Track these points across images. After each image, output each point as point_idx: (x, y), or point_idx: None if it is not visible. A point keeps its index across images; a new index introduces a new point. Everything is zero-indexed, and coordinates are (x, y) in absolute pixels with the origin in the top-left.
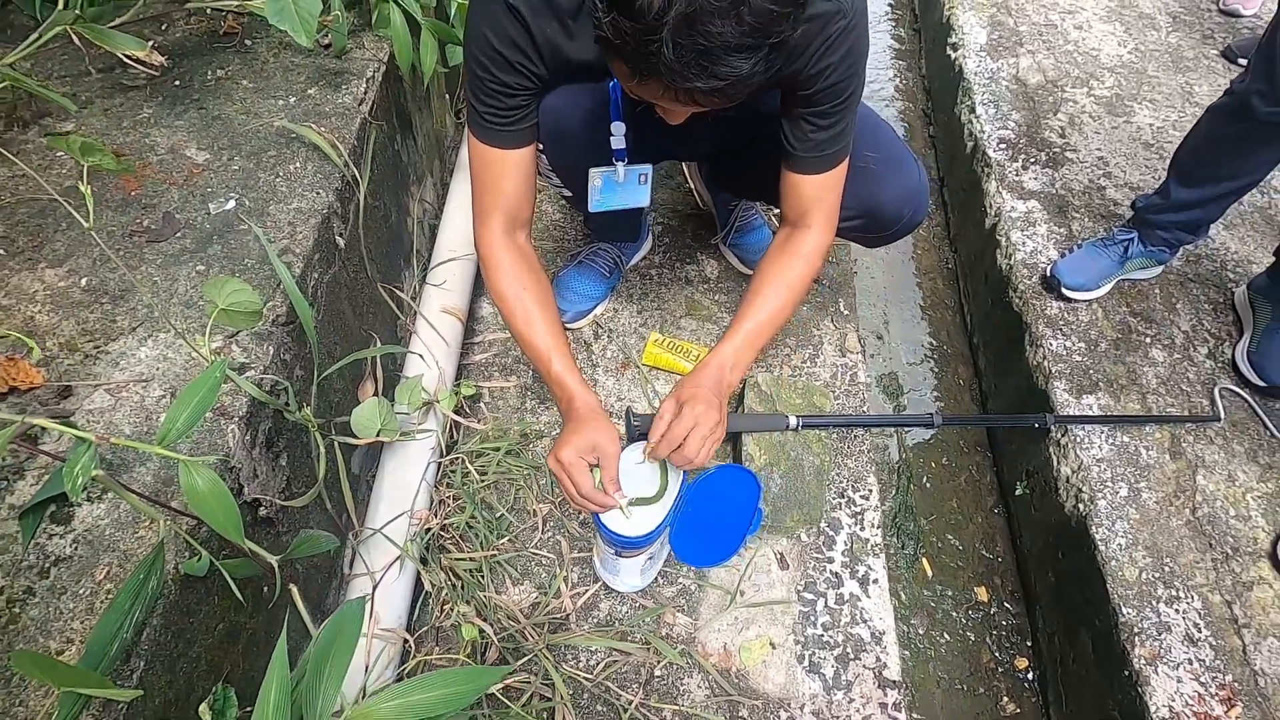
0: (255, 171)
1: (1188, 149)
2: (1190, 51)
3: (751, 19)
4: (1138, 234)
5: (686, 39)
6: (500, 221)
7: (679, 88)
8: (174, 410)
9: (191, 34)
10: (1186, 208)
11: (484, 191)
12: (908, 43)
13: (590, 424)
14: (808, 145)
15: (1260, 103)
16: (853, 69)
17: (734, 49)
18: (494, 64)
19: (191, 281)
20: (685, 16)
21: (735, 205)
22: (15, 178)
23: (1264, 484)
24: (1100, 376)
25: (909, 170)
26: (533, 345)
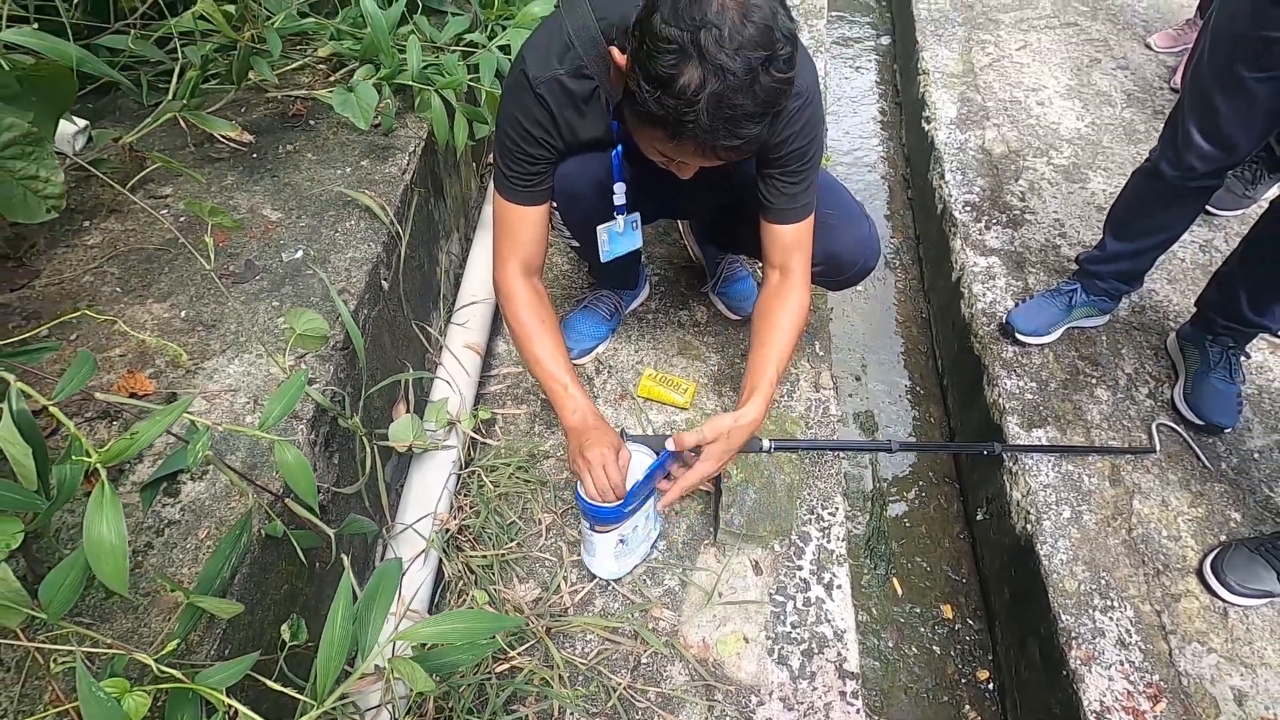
0: (319, 228)
1: (1119, 208)
2: (1142, 125)
3: (763, 94)
4: (1081, 285)
5: (716, 110)
6: (518, 265)
7: (708, 145)
8: (271, 404)
9: (266, 115)
10: (1120, 259)
11: (505, 240)
12: (890, 115)
13: (606, 432)
14: (781, 199)
15: (1167, 168)
16: (811, 136)
17: (751, 116)
18: (523, 139)
19: (268, 314)
20: (715, 94)
21: (722, 258)
22: (128, 231)
23: (1194, 509)
24: (1049, 413)
25: (861, 224)
26: (546, 368)
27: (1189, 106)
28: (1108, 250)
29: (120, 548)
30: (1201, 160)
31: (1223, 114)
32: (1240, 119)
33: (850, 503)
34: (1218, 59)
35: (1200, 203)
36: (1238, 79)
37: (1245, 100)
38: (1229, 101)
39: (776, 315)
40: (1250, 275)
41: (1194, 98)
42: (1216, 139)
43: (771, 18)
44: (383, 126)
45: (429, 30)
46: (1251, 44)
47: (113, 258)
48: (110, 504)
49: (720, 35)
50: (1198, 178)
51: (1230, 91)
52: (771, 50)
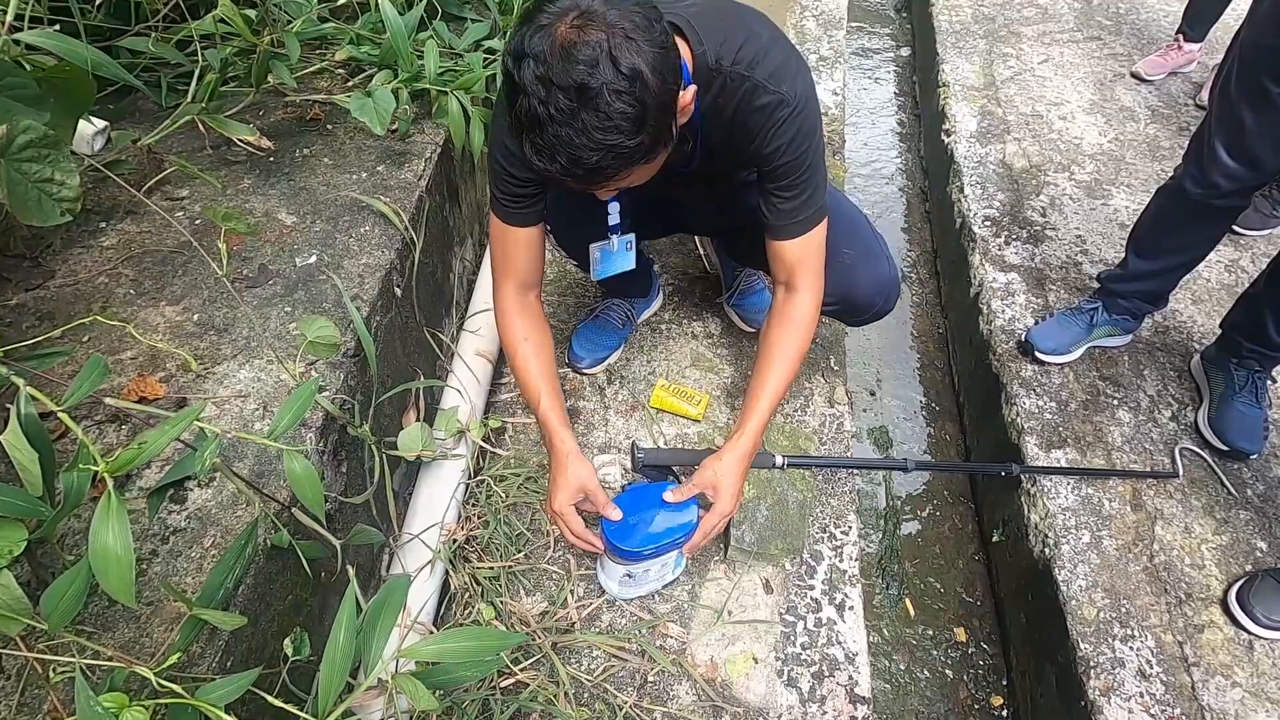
0: (333, 233)
1: (1142, 226)
2: (1167, 142)
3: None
4: (1102, 304)
5: (540, 141)
6: (513, 285)
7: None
8: (281, 413)
9: (284, 119)
10: (1143, 278)
11: (501, 260)
12: (909, 127)
13: (570, 464)
14: (779, 215)
15: (1192, 186)
16: (804, 146)
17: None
18: (509, 164)
19: (280, 320)
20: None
21: (740, 270)
22: (143, 233)
23: (1219, 536)
24: (1069, 434)
25: (881, 264)
26: (526, 386)
27: (1216, 123)
28: (1130, 269)
29: (126, 559)
30: (1227, 178)
31: (1250, 130)
32: (1268, 136)
33: (863, 520)
34: (1245, 75)
35: (1226, 222)
36: (1265, 94)
37: (1273, 116)
38: (1257, 118)
39: (776, 342)
40: (1277, 298)
41: (1221, 114)
42: (1243, 156)
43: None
44: (399, 132)
45: (448, 36)
46: (1270, 56)
47: (128, 259)
48: (117, 514)
49: (538, 65)
50: (1223, 196)
51: (1258, 108)
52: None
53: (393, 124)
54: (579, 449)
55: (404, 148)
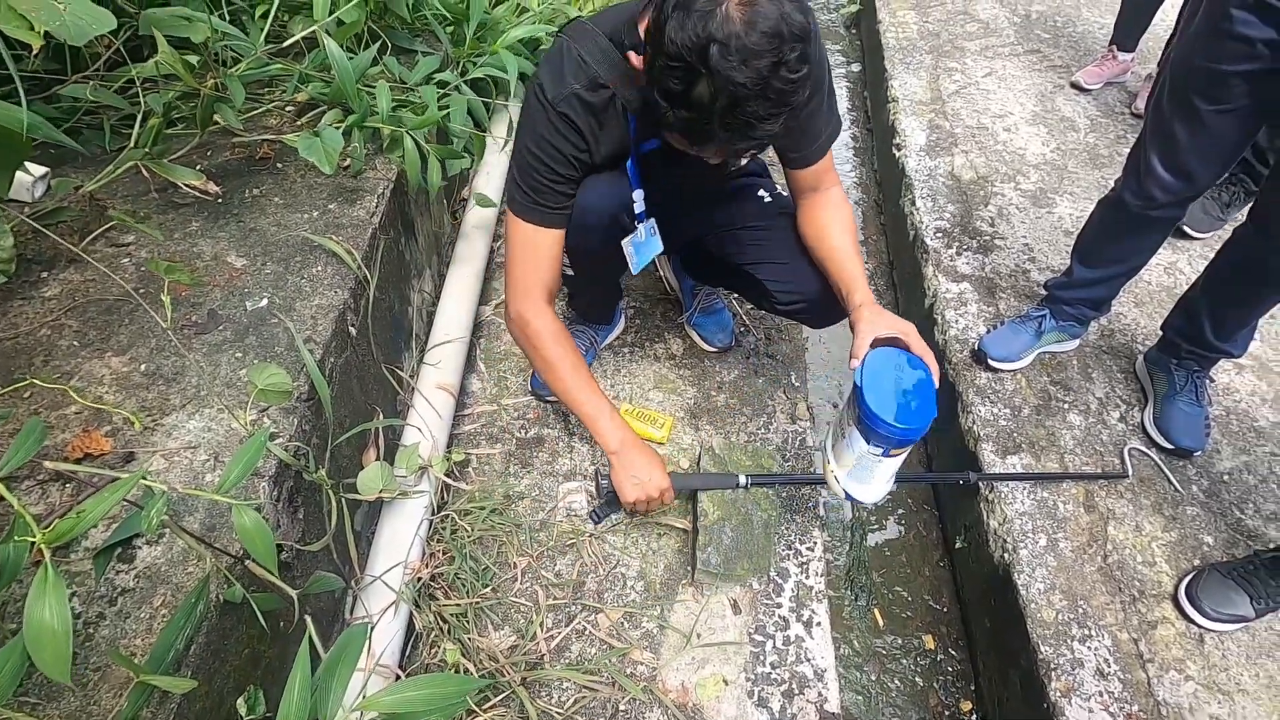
0: (285, 274)
1: (1085, 236)
2: (1106, 150)
3: (776, 96)
4: (1049, 311)
5: (730, 118)
6: (542, 293)
7: (729, 147)
8: (230, 466)
9: (233, 159)
10: (1087, 286)
11: (530, 267)
12: (862, 141)
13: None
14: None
15: (1130, 198)
16: (820, 83)
17: (766, 119)
18: (554, 161)
19: (231, 366)
20: (727, 106)
21: (699, 290)
22: (87, 281)
23: (1168, 533)
24: (1023, 439)
25: None
26: (584, 398)
27: (1151, 138)
28: (1075, 277)
29: (63, 634)
30: (1162, 190)
31: (1183, 145)
32: (1199, 151)
33: (830, 533)
34: (1176, 92)
35: (1164, 232)
36: (1196, 112)
37: (1204, 132)
38: (1188, 133)
39: (830, 221)
40: (1213, 301)
41: (1155, 129)
42: (1177, 170)
43: (779, 20)
44: (351, 169)
45: (398, 70)
46: (1206, 76)
47: (71, 310)
48: (54, 588)
49: (727, 49)
50: (1160, 207)
51: (1189, 123)
52: (779, 55)
53: (344, 161)
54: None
55: (356, 184)
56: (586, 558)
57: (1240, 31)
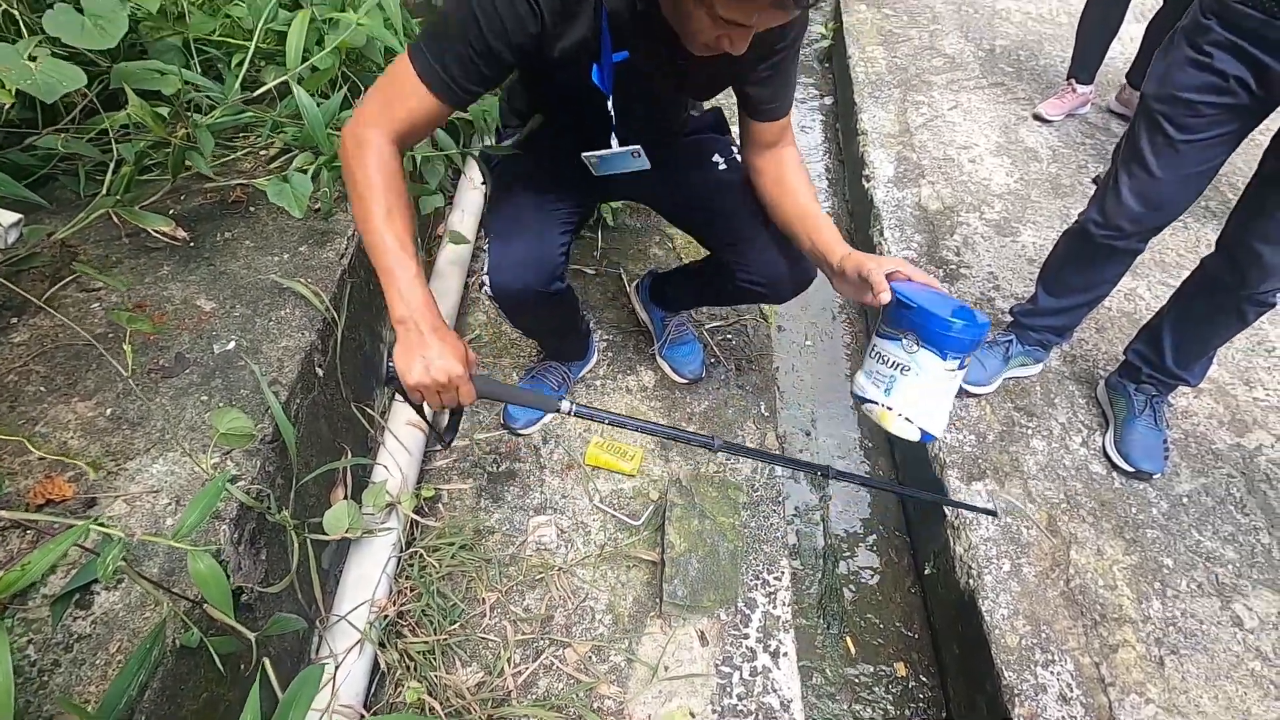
0: (253, 317)
1: (1050, 266)
2: (1067, 179)
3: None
4: (1015, 336)
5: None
6: (391, 130)
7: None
8: (187, 512)
9: (206, 203)
10: (1052, 314)
11: (388, 105)
12: (835, 173)
13: (449, 340)
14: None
15: (1095, 229)
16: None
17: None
18: (490, 30)
19: (196, 409)
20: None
21: (669, 320)
22: (56, 327)
23: (1129, 556)
24: (987, 465)
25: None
26: (386, 248)
27: (1122, 168)
28: (1040, 305)
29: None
30: (1131, 221)
31: (1155, 175)
32: (1171, 181)
33: (802, 561)
34: (1149, 124)
35: (1127, 263)
36: (1170, 141)
37: (1176, 162)
38: (1160, 163)
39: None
40: (1176, 331)
41: (1128, 160)
42: (1146, 200)
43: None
44: (322, 211)
45: None
46: (1180, 107)
47: (39, 355)
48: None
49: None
50: (1126, 237)
51: (1161, 154)
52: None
53: (315, 204)
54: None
55: (327, 227)
56: (555, 592)
57: (1216, 67)
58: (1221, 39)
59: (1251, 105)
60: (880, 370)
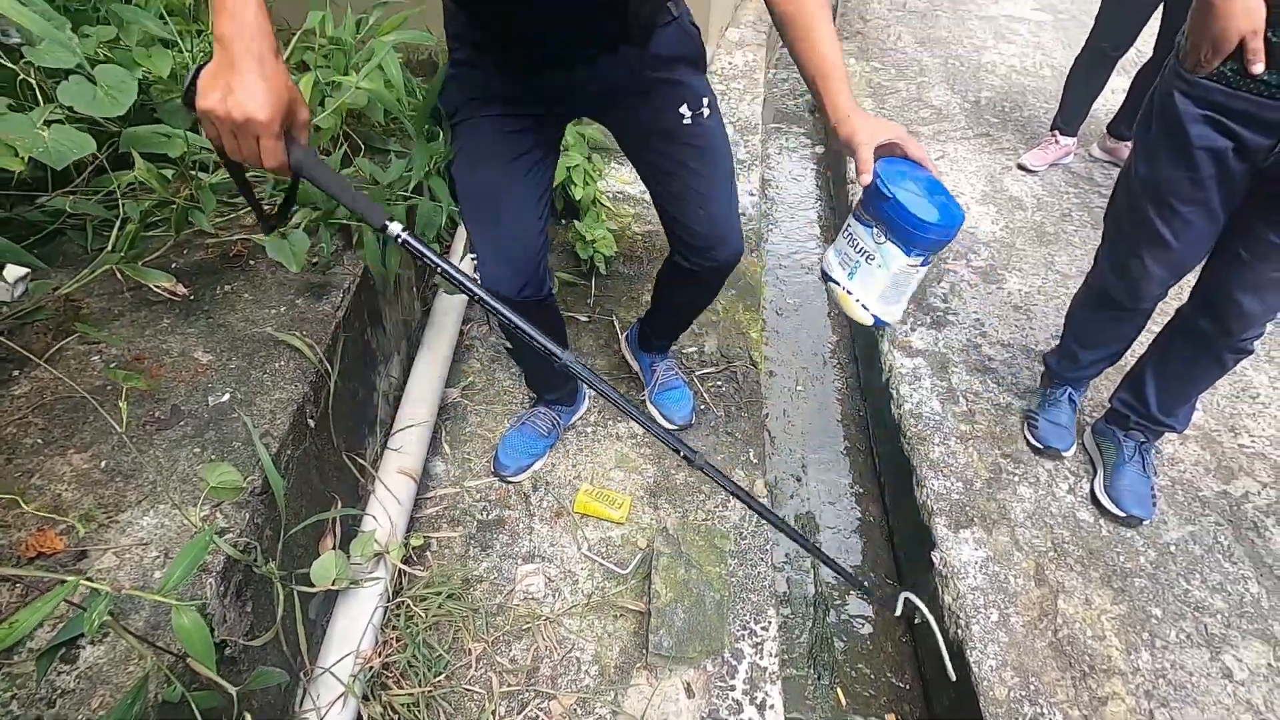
0: (248, 369)
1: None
2: (1051, 228)
3: None
4: (1068, 387)
5: None
6: None
7: None
8: (172, 567)
9: (207, 257)
10: (1092, 365)
11: None
12: (826, 220)
13: (270, 67)
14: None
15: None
16: None
17: None
18: None
19: (189, 461)
20: None
21: (658, 366)
22: (55, 379)
23: (1117, 606)
24: (975, 513)
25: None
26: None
27: (1138, 245)
28: (1081, 360)
29: None
30: (1159, 286)
31: (1172, 246)
32: (1187, 245)
33: (792, 608)
34: (1155, 201)
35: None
36: (1177, 214)
37: (1189, 230)
38: (1174, 234)
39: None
40: (1158, 379)
41: (1141, 238)
42: (1171, 266)
43: None
44: (320, 264)
45: (370, 170)
46: (1182, 184)
47: (39, 407)
48: None
49: None
50: (1153, 299)
51: (1174, 225)
52: None
53: (313, 259)
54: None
55: (324, 280)
56: (542, 642)
57: (1197, 146)
58: (1196, 115)
59: (1240, 168)
60: (848, 253)
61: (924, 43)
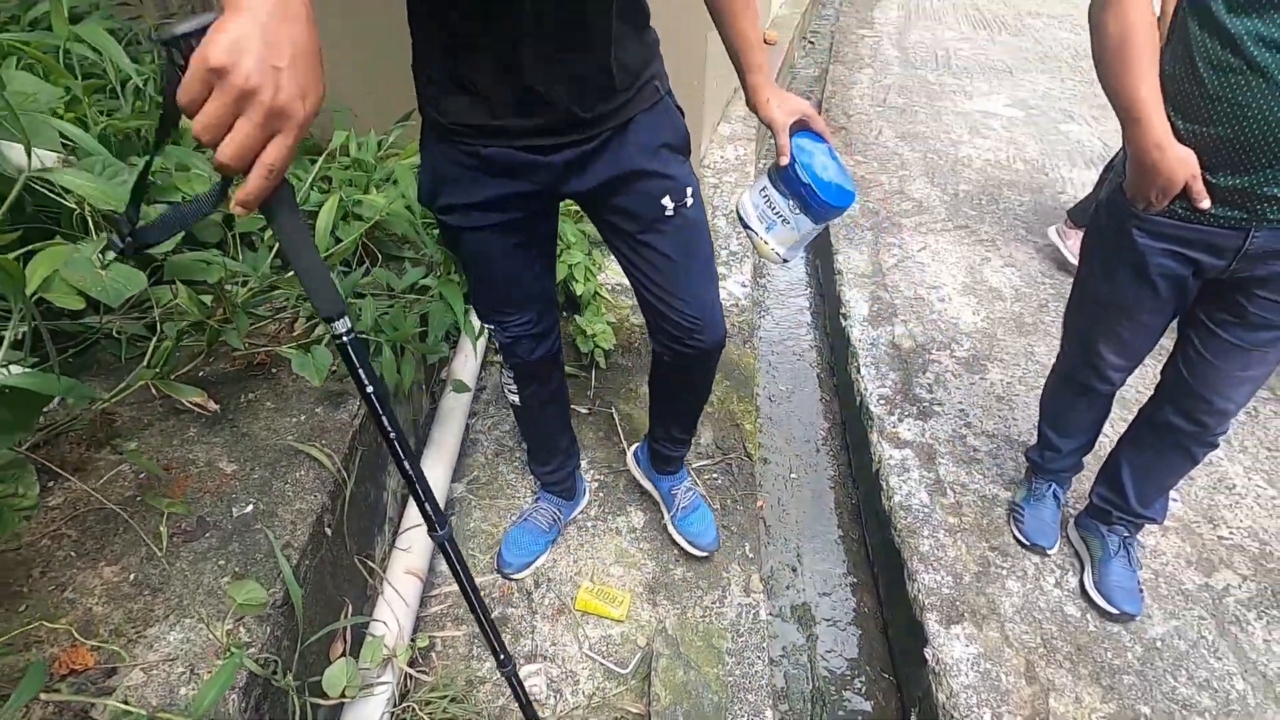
0: (270, 479)
1: (1056, 415)
2: (1030, 318)
3: None
4: (1052, 481)
5: None
6: None
7: None
8: (204, 691)
9: (232, 368)
10: (1071, 453)
11: None
12: (816, 308)
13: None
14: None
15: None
16: None
17: None
18: None
19: (214, 574)
20: None
21: (677, 489)
22: (88, 491)
23: (1106, 704)
24: (965, 608)
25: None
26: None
27: (1098, 340)
28: (1060, 449)
29: None
30: (1121, 373)
31: (1128, 342)
32: (1144, 339)
33: (790, 704)
34: (1112, 312)
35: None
36: (1135, 321)
37: (1144, 328)
38: (1133, 332)
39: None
40: (1134, 472)
41: (1100, 334)
42: (1130, 355)
43: None
44: (338, 372)
45: (386, 279)
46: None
47: (72, 519)
48: None
49: None
50: (1116, 384)
51: (1132, 326)
52: None
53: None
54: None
55: (342, 388)
56: None
57: (1162, 273)
58: (1156, 248)
59: (1196, 284)
60: (765, 211)
61: (904, 137)
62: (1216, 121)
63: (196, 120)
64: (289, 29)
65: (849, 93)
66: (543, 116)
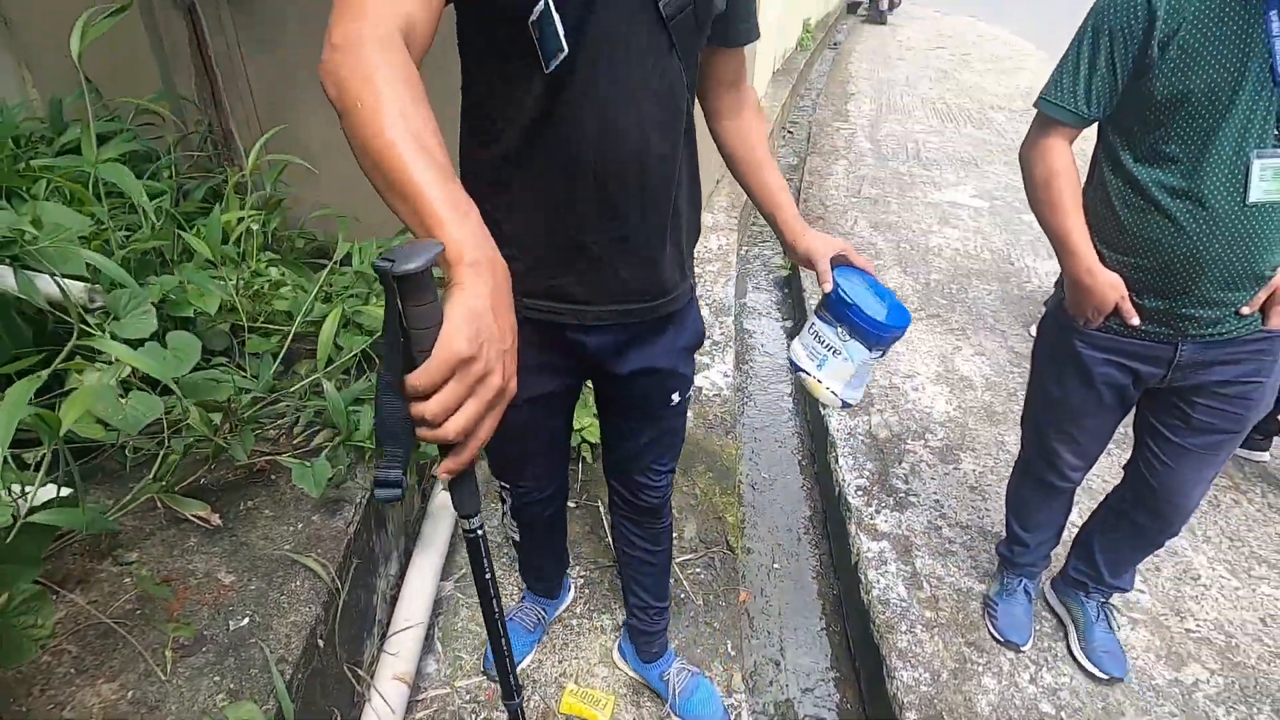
0: (267, 590)
1: (1022, 511)
2: (1000, 407)
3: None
4: (1022, 576)
5: None
6: (397, 24)
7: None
8: None
9: (234, 473)
10: (1039, 546)
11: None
12: (796, 394)
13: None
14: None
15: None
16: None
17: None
18: None
19: (210, 691)
20: None
21: (667, 674)
22: (90, 603)
23: None
24: (943, 706)
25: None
26: (420, 165)
27: (1054, 443)
28: (1028, 543)
29: None
30: (1080, 472)
31: (1083, 445)
32: (1095, 442)
33: None
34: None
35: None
36: (1084, 426)
37: (1094, 433)
38: (1086, 435)
39: (759, 139)
40: (1105, 551)
41: (1056, 439)
42: (1086, 457)
43: None
44: (334, 480)
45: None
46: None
47: (73, 634)
48: None
49: None
50: (1079, 480)
51: (1082, 432)
52: None
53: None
54: None
55: (338, 495)
56: None
57: (1104, 381)
58: (1098, 359)
59: (1136, 391)
60: (815, 347)
61: (877, 227)
62: (1134, 252)
63: (435, 400)
64: (507, 315)
65: (825, 183)
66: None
